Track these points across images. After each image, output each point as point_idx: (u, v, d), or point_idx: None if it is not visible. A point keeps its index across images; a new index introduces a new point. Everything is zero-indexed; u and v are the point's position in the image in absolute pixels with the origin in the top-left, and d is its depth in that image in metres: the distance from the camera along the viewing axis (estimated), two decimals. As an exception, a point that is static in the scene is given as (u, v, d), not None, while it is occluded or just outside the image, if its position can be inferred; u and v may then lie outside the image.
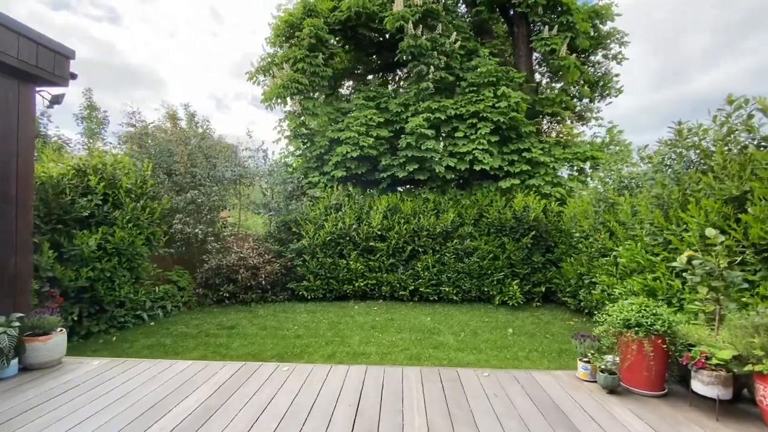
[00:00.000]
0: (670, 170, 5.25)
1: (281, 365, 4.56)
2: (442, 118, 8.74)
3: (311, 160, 9.67)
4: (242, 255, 8.43)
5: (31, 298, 5.25)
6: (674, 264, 4.70)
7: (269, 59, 9.86)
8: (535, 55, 10.59)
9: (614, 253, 6.11)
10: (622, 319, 3.65)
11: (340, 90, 11.65)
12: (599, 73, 11.03)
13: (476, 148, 8.59)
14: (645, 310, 3.67)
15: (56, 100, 4.98)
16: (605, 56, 10.93)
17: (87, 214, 6.04)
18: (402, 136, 8.79)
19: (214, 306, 8.44)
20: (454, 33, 8.84)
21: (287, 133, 10.15)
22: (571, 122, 10.09)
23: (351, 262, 8.71)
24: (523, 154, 8.94)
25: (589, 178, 7.95)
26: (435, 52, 8.77)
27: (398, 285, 8.79)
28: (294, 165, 10.06)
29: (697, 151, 4.81)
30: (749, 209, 3.85)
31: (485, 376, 4.21)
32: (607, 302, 5.96)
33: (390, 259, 8.87)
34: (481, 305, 8.66)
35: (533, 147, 9.00)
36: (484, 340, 6.31)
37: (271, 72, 9.36)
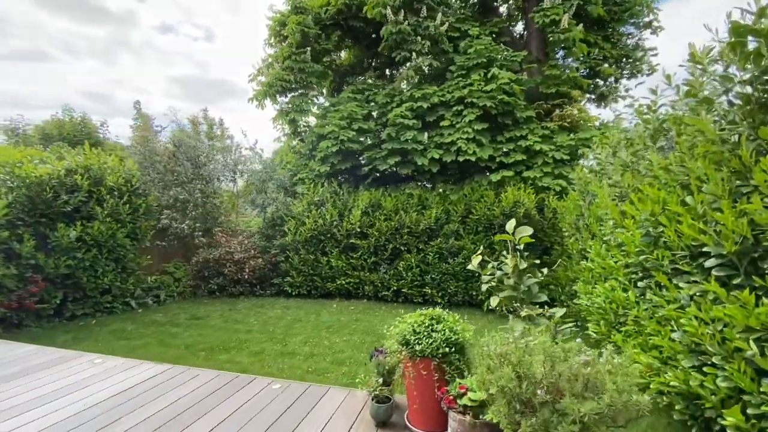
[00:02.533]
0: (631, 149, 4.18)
1: (153, 364, 4.38)
2: (425, 106, 8.11)
3: (303, 157, 9.70)
4: (229, 250, 8.76)
5: (11, 282, 6.01)
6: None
7: (269, 59, 10.12)
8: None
9: (587, 255, 5.10)
10: (399, 333, 2.97)
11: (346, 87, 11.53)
12: (630, 47, 9.28)
13: (460, 138, 7.81)
14: (431, 321, 2.95)
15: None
16: (636, 25, 9.15)
17: (70, 209, 6.75)
18: (385, 128, 8.36)
19: (205, 297, 8.90)
20: (440, 15, 8.14)
21: (287, 132, 10.32)
22: (585, 103, 8.62)
23: (332, 260, 8.53)
24: (519, 143, 7.91)
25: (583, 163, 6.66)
26: (418, 37, 8.17)
27: (381, 285, 8.39)
28: (287, 162, 10.19)
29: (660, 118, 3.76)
30: (688, 199, 2.87)
31: (276, 387, 3.68)
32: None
33: (372, 258, 8.51)
34: (467, 310, 7.86)
35: (531, 134, 7.92)
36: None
37: (265, 72, 9.59)
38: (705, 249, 2.64)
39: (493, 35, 9.00)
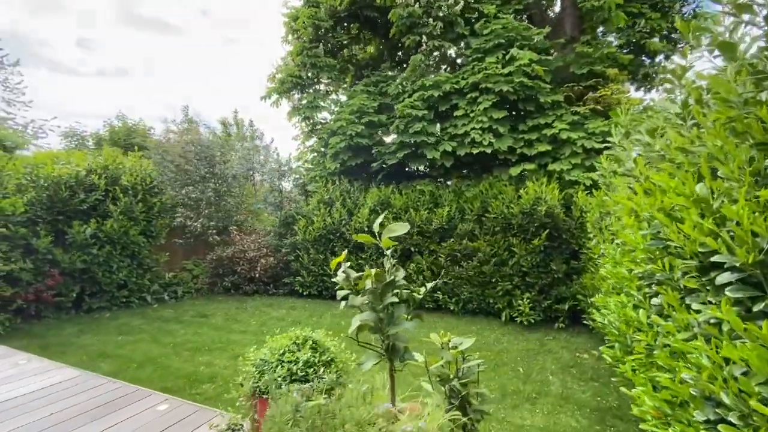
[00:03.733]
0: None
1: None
2: (436, 95, 7.43)
3: (320, 156, 9.47)
4: (242, 248, 8.77)
5: (28, 275, 6.39)
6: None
7: (287, 57, 10.05)
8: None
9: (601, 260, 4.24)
10: (259, 358, 2.41)
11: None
12: (686, 16, 7.76)
13: (474, 128, 7.03)
14: (293, 348, 2.36)
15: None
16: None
17: (87, 207, 7.08)
18: (395, 120, 7.83)
19: (220, 295, 8.99)
20: (455, -7, 7.43)
21: (305, 130, 10.18)
22: (628, 85, 7.32)
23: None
24: (544, 131, 6.94)
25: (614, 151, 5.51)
26: (430, 20, 7.53)
27: (390, 288, 7.87)
28: (305, 161, 10.02)
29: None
30: (698, 188, 2.08)
31: (162, 408, 3.29)
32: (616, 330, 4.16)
33: (380, 259, 8.01)
34: (482, 320, 7.11)
35: (558, 121, 6.92)
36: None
37: (282, 70, 9.51)
38: (718, 258, 1.85)
39: (518, 15, 8.07)
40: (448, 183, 8.19)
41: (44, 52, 29.37)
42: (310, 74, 8.85)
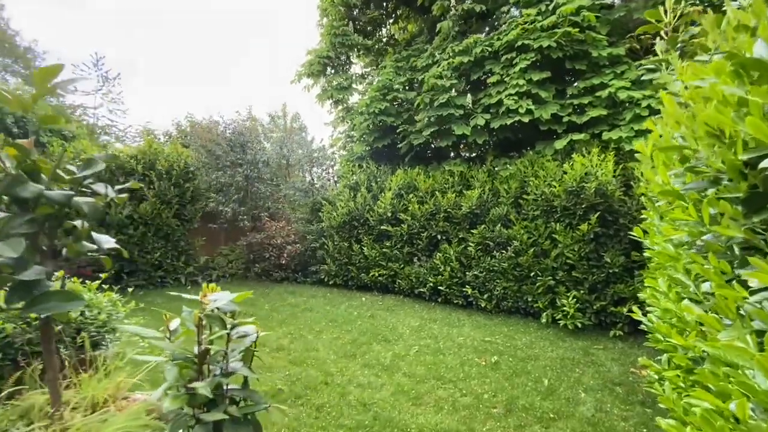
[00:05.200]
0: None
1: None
2: (465, 61, 6.48)
3: (350, 140, 9.05)
4: (270, 234, 8.69)
5: (71, 251, 6.87)
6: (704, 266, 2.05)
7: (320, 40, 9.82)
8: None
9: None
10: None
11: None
12: None
13: (509, 94, 5.96)
14: None
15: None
16: None
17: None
18: (421, 94, 7.05)
19: (252, 280, 9.01)
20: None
21: (338, 115, 9.84)
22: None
23: (365, 248, 7.62)
24: (599, 93, 5.62)
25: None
26: (460, -22, 6.62)
27: (416, 280, 7.12)
28: (338, 147, 9.64)
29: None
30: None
31: None
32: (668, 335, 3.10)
33: (406, 248, 7.29)
34: (518, 320, 6.02)
35: (618, 79, 5.55)
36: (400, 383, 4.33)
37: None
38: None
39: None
40: (480, 163, 7.16)
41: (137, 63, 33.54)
42: (340, 54, 8.45)
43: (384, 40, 10.13)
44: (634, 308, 2.85)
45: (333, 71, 8.95)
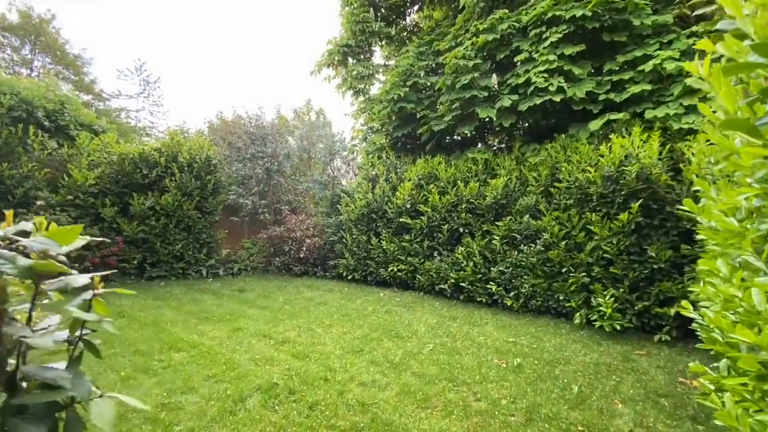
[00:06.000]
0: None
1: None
2: (490, 39, 5.99)
3: (371, 131, 8.76)
4: (290, 227, 8.57)
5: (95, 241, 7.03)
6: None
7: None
8: None
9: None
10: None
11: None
12: None
13: (539, 71, 5.42)
14: None
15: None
16: None
17: (147, 182, 7.61)
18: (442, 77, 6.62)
19: (273, 274, 8.92)
20: None
21: (360, 106, 9.57)
22: None
23: (384, 242, 7.29)
24: (641, 67, 4.97)
25: None
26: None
27: (437, 275, 6.70)
28: (361, 139, 9.37)
29: None
30: None
31: None
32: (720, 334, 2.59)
33: (426, 241, 6.90)
34: (548, 321, 5.47)
35: (664, 49, 4.88)
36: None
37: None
38: None
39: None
40: (507, 149, 6.64)
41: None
42: (360, 42, 8.19)
43: (408, 29, 9.78)
44: (684, 303, 2.34)
45: (354, 61, 8.70)
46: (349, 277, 8.02)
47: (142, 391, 3.06)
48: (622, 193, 4.74)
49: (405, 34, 9.65)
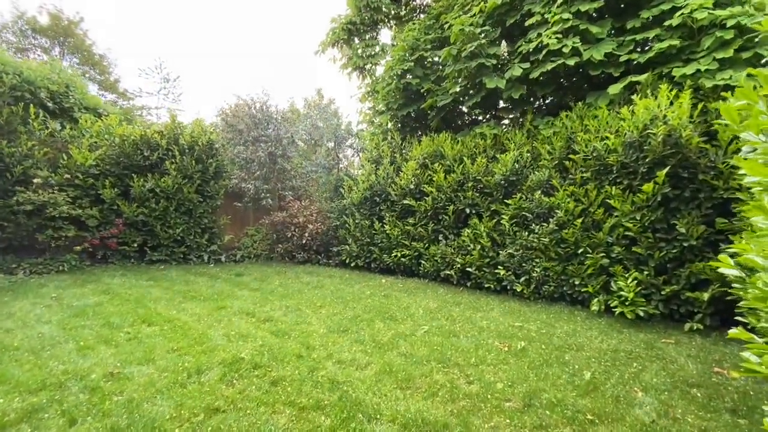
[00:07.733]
0: None
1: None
2: (499, 3, 5.51)
3: (376, 113, 8.39)
4: (292, 213, 8.30)
5: (93, 221, 6.94)
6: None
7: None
8: None
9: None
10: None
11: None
12: None
13: (551, 31, 4.90)
14: None
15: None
16: None
17: (148, 164, 7.49)
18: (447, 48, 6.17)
19: (276, 261, 8.65)
20: None
21: (366, 87, 9.22)
22: None
23: (387, 227, 6.89)
24: (669, 21, 4.40)
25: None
26: None
27: (442, 261, 6.25)
28: (367, 122, 9.01)
29: None
30: None
31: None
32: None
33: (431, 224, 6.46)
34: (562, 308, 4.94)
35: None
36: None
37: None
38: None
39: None
40: (519, 124, 6.13)
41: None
42: (365, 18, 7.83)
43: (417, 9, 9.37)
44: (722, 257, 1.85)
45: (359, 40, 8.37)
46: (353, 264, 7.66)
47: (93, 361, 2.79)
48: (647, 160, 4.18)
49: (415, 14, 9.24)
